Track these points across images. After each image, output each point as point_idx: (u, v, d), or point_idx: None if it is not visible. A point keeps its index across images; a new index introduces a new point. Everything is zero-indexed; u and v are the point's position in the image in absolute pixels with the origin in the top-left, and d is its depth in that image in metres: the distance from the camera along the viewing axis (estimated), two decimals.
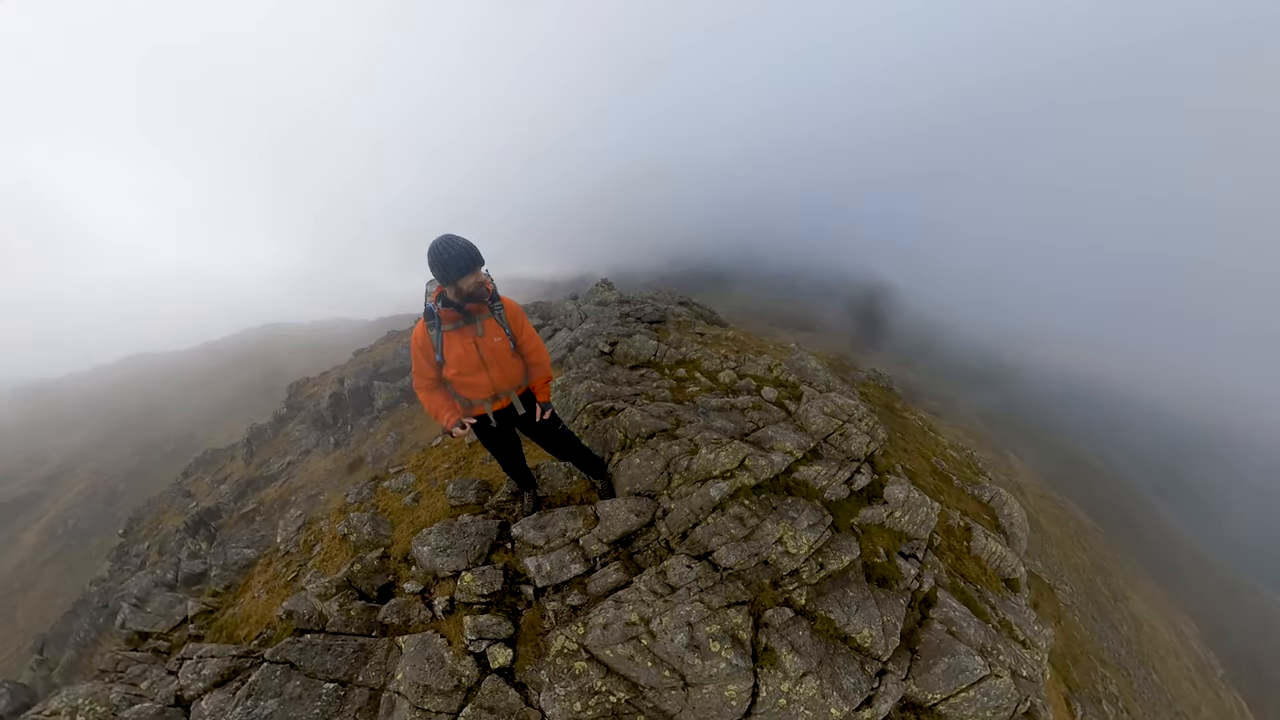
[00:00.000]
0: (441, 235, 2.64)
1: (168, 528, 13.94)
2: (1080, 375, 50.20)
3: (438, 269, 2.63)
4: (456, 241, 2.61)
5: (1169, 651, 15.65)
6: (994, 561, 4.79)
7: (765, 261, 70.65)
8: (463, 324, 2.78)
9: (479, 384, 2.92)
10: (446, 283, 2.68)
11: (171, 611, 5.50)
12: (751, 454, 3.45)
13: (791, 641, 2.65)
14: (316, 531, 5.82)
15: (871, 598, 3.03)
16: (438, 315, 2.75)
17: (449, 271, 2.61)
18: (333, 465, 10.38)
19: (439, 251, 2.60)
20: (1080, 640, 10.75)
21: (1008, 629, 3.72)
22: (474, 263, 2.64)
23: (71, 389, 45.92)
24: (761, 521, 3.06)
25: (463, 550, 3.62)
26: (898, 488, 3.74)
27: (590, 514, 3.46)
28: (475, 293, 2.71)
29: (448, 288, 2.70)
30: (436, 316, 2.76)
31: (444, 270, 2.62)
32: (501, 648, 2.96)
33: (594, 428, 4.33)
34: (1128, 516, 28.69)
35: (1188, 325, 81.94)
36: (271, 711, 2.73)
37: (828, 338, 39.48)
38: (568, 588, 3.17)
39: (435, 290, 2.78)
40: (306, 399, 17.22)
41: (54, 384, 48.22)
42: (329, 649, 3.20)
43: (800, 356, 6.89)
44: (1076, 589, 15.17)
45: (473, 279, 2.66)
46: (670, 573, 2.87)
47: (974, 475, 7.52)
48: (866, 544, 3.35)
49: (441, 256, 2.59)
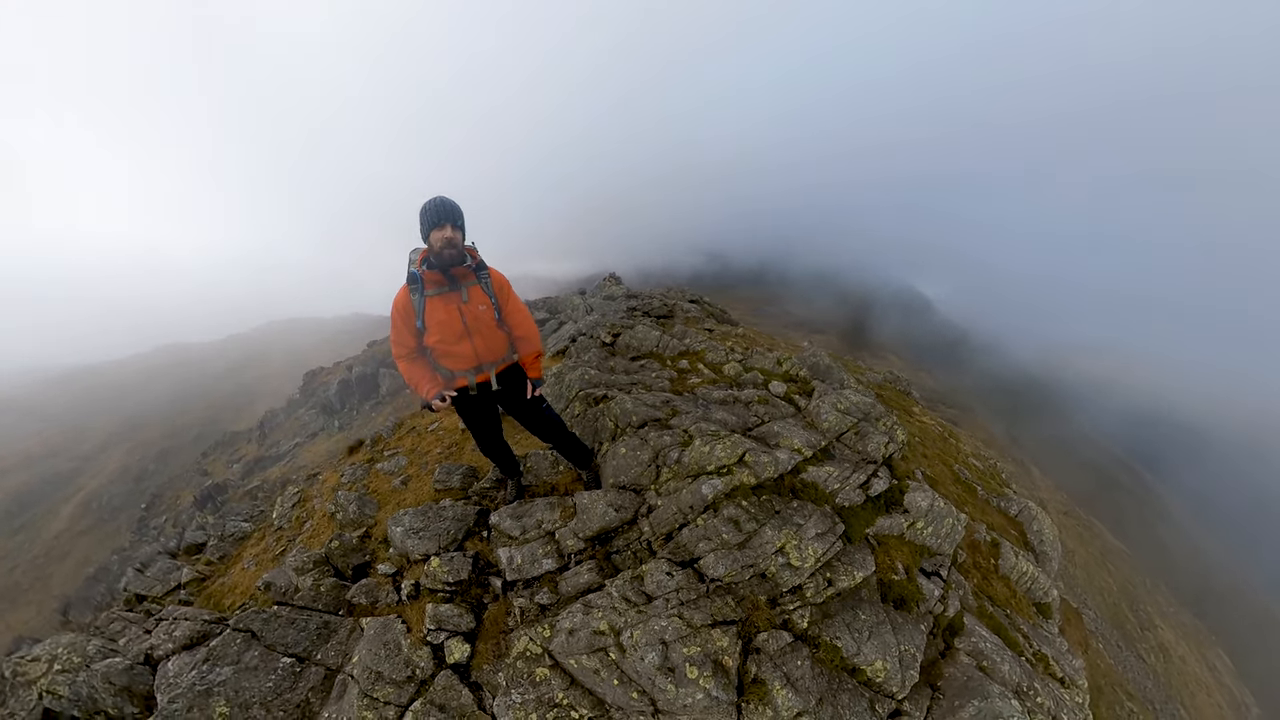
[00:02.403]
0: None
1: (184, 502, 14.38)
2: (1109, 386, 47.53)
3: (420, 223, 2.58)
4: (439, 198, 2.57)
5: (1199, 686, 14.60)
6: (1024, 583, 4.29)
7: (778, 265, 69.32)
8: (447, 289, 2.66)
9: (462, 353, 2.75)
10: (424, 238, 2.59)
11: (168, 577, 5.61)
12: (753, 449, 3.06)
13: (787, 673, 2.25)
14: (309, 509, 5.79)
15: (887, 622, 2.61)
16: (421, 278, 2.62)
17: (424, 223, 2.57)
18: (334, 447, 10.41)
19: (423, 206, 2.57)
20: (1105, 670, 10.01)
21: (1044, 664, 3.25)
22: (444, 217, 2.52)
23: (110, 375, 48.55)
24: (760, 527, 2.67)
25: (436, 534, 3.42)
26: (920, 495, 3.30)
27: (569, 506, 3.15)
28: (444, 252, 2.56)
29: (426, 245, 2.61)
30: (420, 280, 2.63)
31: (421, 221, 2.57)
32: (460, 642, 2.75)
33: (585, 415, 4.01)
34: (1157, 539, 27.06)
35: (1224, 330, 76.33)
36: (225, 679, 2.65)
37: (843, 341, 38.34)
38: (538, 584, 2.88)
39: (421, 254, 2.67)
40: (319, 386, 17.51)
41: (94, 369, 51.05)
42: (292, 623, 3.06)
43: (813, 352, 6.43)
44: (1101, 614, 14.26)
45: (441, 234, 2.53)
46: (648, 579, 2.52)
47: (999, 486, 6.93)
48: (883, 558, 2.93)
49: (423, 210, 2.56)
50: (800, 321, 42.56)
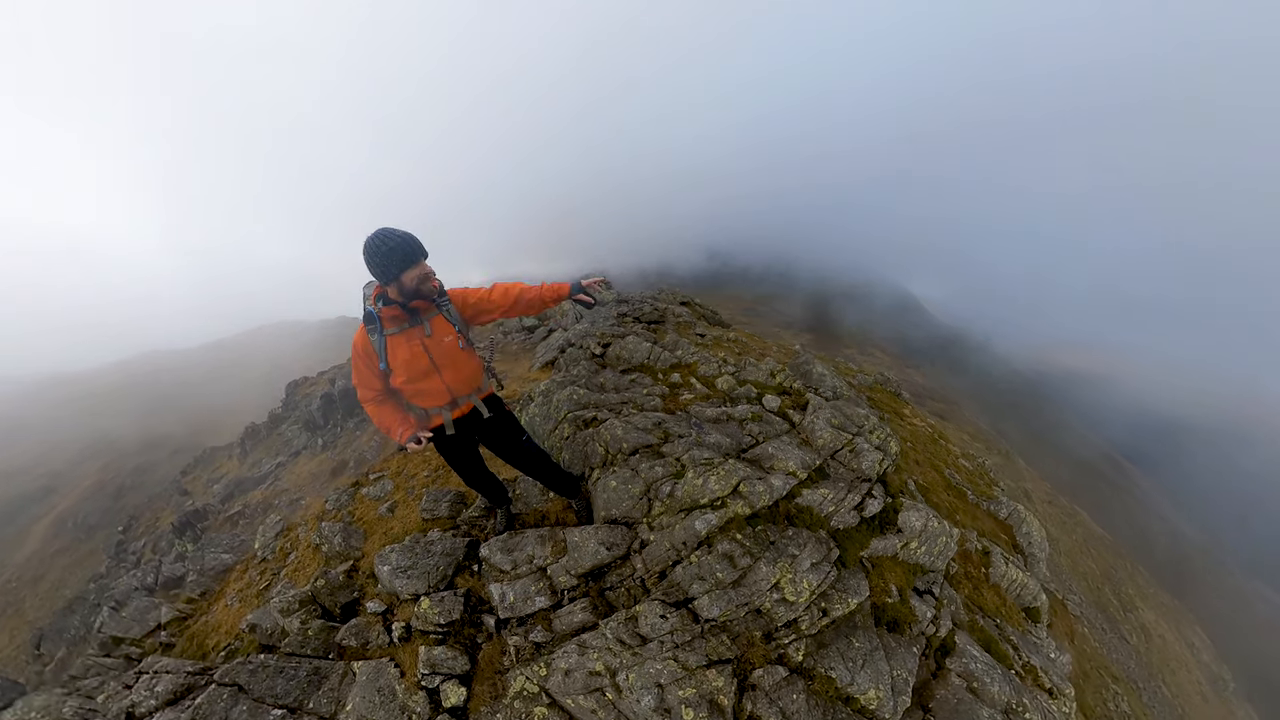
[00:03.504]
0: (376, 229, 2.33)
1: (163, 525, 13.88)
2: (1092, 381, 49.07)
3: (376, 265, 2.32)
4: (394, 233, 2.32)
5: (1180, 664, 15.16)
6: (1014, 590, 4.37)
7: (769, 264, 69.92)
8: (408, 325, 2.48)
9: (432, 390, 2.59)
10: (387, 280, 2.36)
11: (146, 617, 5.36)
12: (748, 478, 3.04)
13: (783, 708, 2.24)
14: (293, 539, 5.61)
15: (880, 648, 2.62)
16: (379, 317, 2.42)
17: (389, 266, 2.32)
18: (318, 468, 10.15)
19: (376, 245, 2.29)
20: (1090, 654, 10.32)
21: (1033, 675, 3.31)
22: (415, 254, 2.33)
23: (85, 384, 46.69)
24: (755, 562, 2.64)
25: (425, 572, 3.32)
26: (914, 514, 3.32)
27: (560, 540, 3.09)
28: (420, 288, 2.38)
29: (389, 286, 2.38)
30: (378, 319, 2.43)
31: (384, 265, 2.32)
32: (455, 685, 2.67)
33: (574, 439, 3.95)
34: (1137, 524, 28.01)
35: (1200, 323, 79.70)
36: None
37: (833, 339, 38.82)
38: (532, 621, 2.82)
39: (374, 291, 2.46)
40: (301, 399, 17.07)
41: (69, 378, 49.03)
42: (281, 671, 2.95)
43: (806, 360, 6.46)
44: (1085, 599, 14.69)
45: (417, 272, 2.35)
46: (642, 621, 2.48)
47: (988, 488, 7.07)
48: (877, 581, 2.94)
49: (380, 250, 2.29)
50: (791, 320, 42.95)
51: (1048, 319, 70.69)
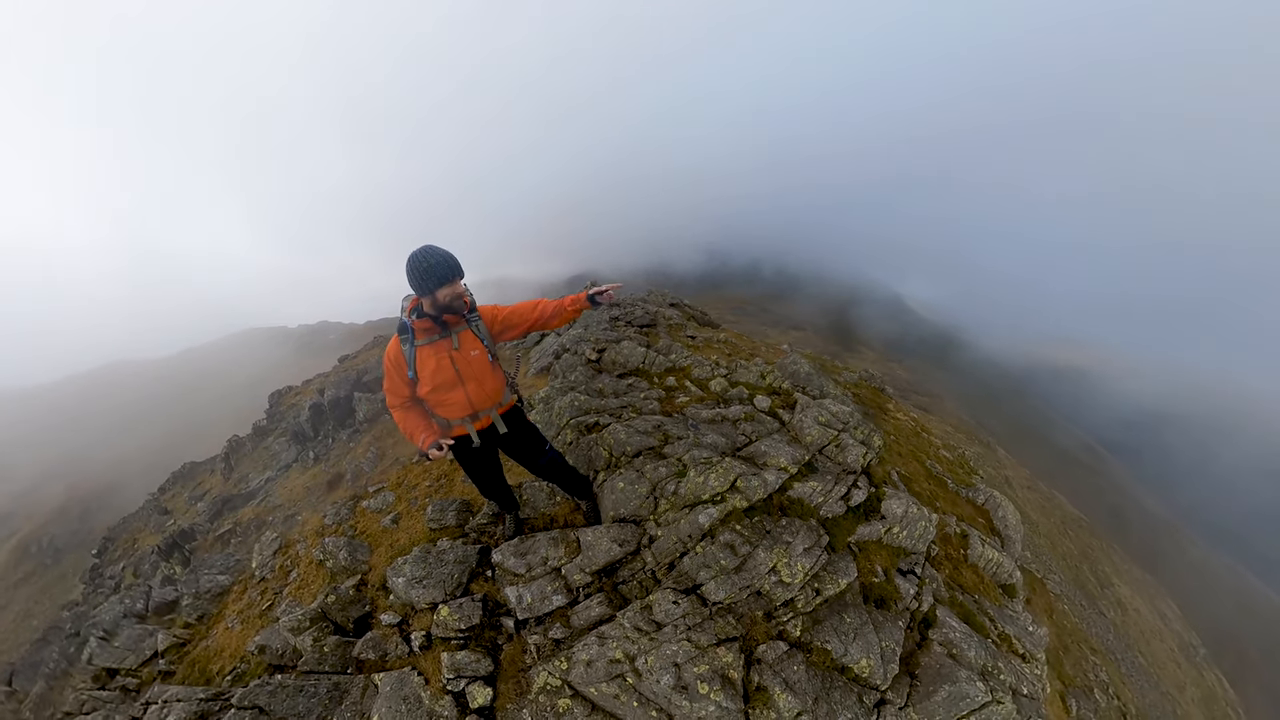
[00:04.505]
0: (421, 245, 2.53)
1: (144, 548, 13.39)
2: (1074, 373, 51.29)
3: (415, 278, 2.52)
4: (436, 251, 2.51)
5: (1153, 634, 16.06)
6: (991, 569, 4.72)
7: (756, 264, 71.12)
8: (437, 337, 2.66)
9: (455, 401, 2.76)
10: (424, 293, 2.56)
11: (141, 645, 5.21)
12: (744, 474, 3.29)
13: (786, 678, 2.49)
14: (293, 556, 5.57)
15: (869, 622, 2.89)
16: (411, 328, 2.63)
17: (426, 281, 2.51)
18: (311, 482, 10.02)
19: (417, 260, 2.49)
20: (1070, 629, 10.92)
21: (1008, 643, 3.63)
22: (453, 272, 2.52)
23: (43, 399, 44.21)
24: (754, 549, 2.89)
25: (440, 580, 3.42)
26: (896, 502, 3.62)
27: (572, 541, 3.27)
28: (452, 304, 2.58)
29: (424, 299, 2.58)
30: (410, 330, 2.63)
31: (422, 279, 2.52)
32: (481, 686, 2.79)
33: (578, 444, 4.13)
34: (1111, 505, 29.47)
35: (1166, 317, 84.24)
36: None
37: (819, 337, 39.71)
38: (550, 620, 2.98)
39: (411, 303, 2.67)
40: (287, 409, 16.67)
41: (24, 394, 46.36)
42: (301, 690, 3.00)
43: (793, 360, 6.77)
44: (1065, 578, 15.46)
45: (450, 290, 2.54)
46: (655, 609, 2.70)
47: (967, 476, 7.49)
48: (864, 563, 3.21)
49: (420, 265, 2.49)
50: (778, 319, 43.74)
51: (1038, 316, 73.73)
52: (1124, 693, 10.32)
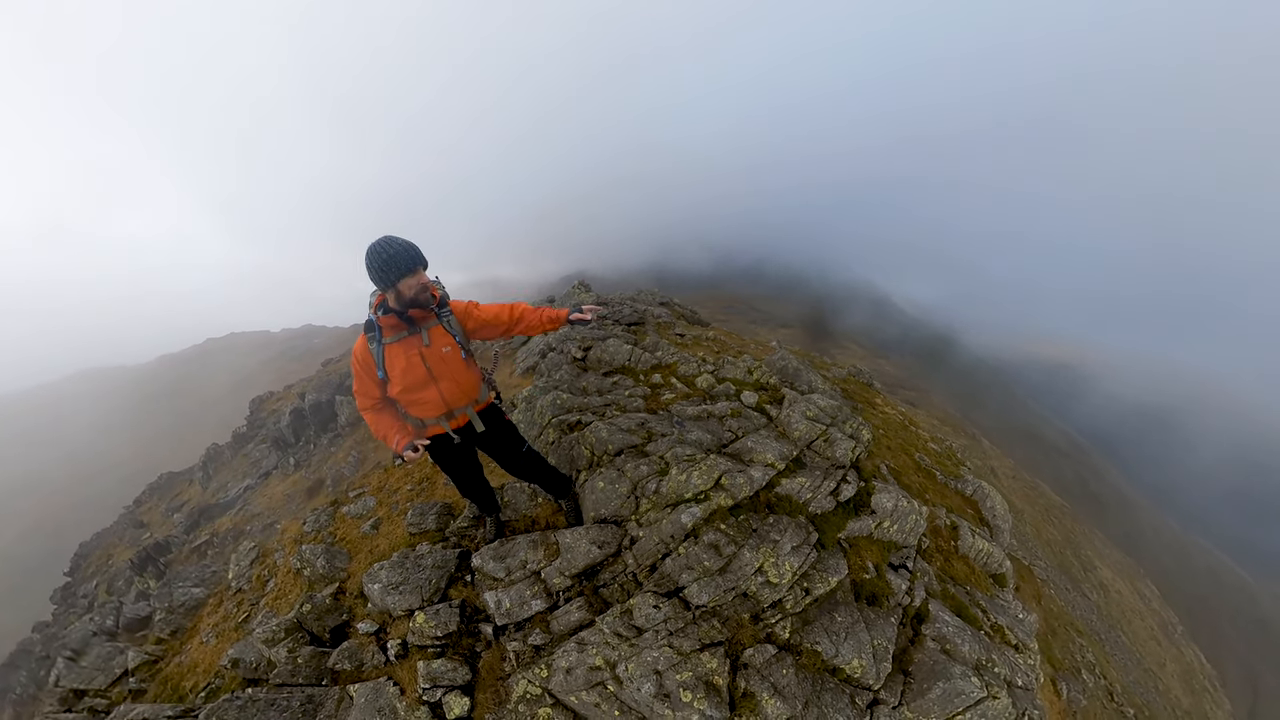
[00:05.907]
0: (379, 237, 2.36)
1: (118, 563, 12.88)
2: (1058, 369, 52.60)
3: (375, 271, 2.35)
4: (395, 240, 2.36)
5: (1134, 614, 16.56)
6: (981, 559, 4.70)
7: (746, 263, 71.47)
8: (406, 334, 2.51)
9: (428, 400, 2.61)
10: (386, 286, 2.39)
11: (110, 664, 4.98)
12: (729, 471, 3.18)
13: (774, 683, 2.39)
14: (270, 565, 5.36)
15: (861, 620, 2.81)
16: (378, 326, 2.47)
17: (387, 273, 2.36)
18: (292, 489, 9.71)
19: (376, 253, 2.33)
20: (1057, 613, 11.14)
21: (1001, 634, 3.59)
22: (414, 262, 2.36)
23: (10, 410, 42.41)
24: (739, 549, 2.79)
25: (417, 586, 3.29)
26: (885, 496, 3.55)
27: (552, 543, 3.15)
28: (419, 297, 2.42)
29: (388, 293, 2.42)
30: (377, 327, 2.47)
31: (382, 272, 2.36)
32: (458, 696, 2.68)
33: (560, 443, 4.00)
34: (1092, 492, 30.32)
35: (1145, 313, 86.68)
36: None
37: (808, 335, 40.00)
38: (529, 625, 2.86)
39: (376, 299, 2.50)
40: (268, 415, 16.21)
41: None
42: (273, 704, 2.86)
43: (781, 356, 6.70)
44: (1050, 563, 15.80)
45: (414, 280, 2.38)
46: (636, 613, 2.58)
47: (955, 468, 7.52)
48: (854, 559, 3.13)
49: (379, 258, 2.33)
50: (768, 317, 43.95)
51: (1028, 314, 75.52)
52: (1109, 672, 10.57)
